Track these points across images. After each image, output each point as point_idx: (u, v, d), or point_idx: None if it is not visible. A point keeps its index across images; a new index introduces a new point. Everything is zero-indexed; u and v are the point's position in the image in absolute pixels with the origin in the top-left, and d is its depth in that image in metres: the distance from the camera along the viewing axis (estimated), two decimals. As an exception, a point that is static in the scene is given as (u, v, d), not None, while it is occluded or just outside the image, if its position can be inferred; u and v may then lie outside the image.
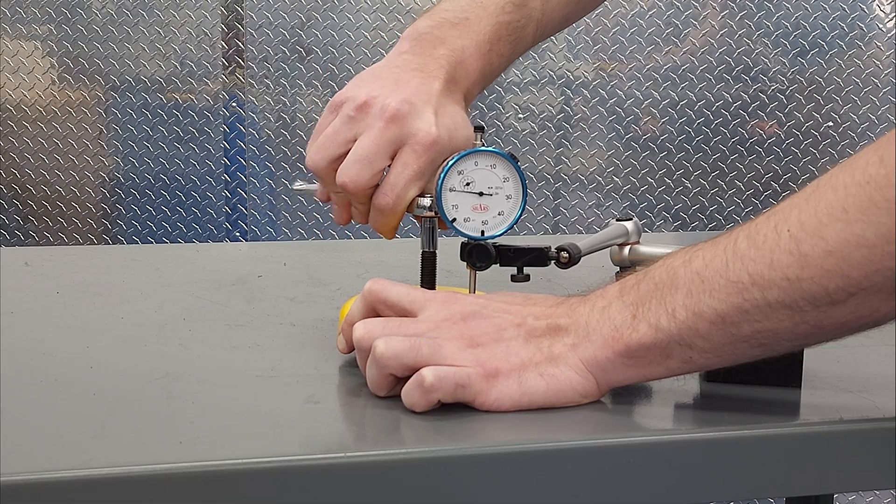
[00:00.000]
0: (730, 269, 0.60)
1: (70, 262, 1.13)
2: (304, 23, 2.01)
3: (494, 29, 0.85)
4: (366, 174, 0.76)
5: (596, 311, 0.65)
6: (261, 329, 0.84)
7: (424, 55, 0.81)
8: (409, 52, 0.82)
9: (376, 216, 0.79)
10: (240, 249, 1.48)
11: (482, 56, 0.84)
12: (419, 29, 0.83)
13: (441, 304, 0.69)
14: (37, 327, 0.84)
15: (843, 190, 0.57)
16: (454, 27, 0.83)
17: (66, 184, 2.05)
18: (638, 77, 2.04)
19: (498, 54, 0.86)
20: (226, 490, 0.56)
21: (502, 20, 0.86)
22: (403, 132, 0.76)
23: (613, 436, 0.62)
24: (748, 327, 0.60)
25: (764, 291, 0.59)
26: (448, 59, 0.82)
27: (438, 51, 0.82)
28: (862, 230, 0.56)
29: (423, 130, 0.76)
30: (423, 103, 0.77)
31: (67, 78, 2.02)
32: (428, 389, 0.63)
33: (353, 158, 0.76)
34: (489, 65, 0.85)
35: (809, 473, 0.64)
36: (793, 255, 0.58)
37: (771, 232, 0.60)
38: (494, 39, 0.85)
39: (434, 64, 0.81)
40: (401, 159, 0.76)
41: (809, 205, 0.59)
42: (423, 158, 0.76)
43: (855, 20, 2.03)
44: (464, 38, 0.83)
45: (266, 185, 2.05)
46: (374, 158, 0.76)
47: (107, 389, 0.68)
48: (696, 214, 2.09)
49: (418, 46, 0.82)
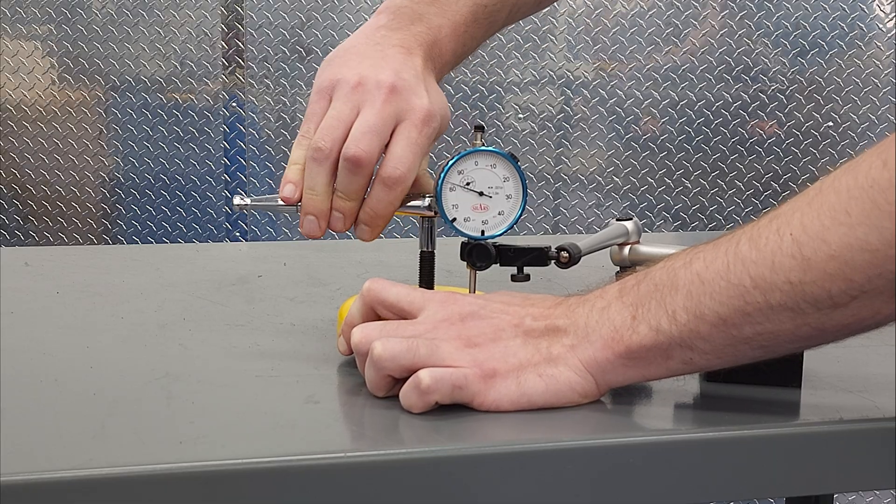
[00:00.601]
0: (731, 272, 0.60)
1: (70, 262, 1.13)
2: (304, 23, 2.01)
3: (471, 10, 0.85)
4: (376, 145, 0.75)
5: (595, 312, 0.65)
6: (261, 329, 0.84)
7: (402, 30, 0.81)
8: (386, 27, 0.81)
9: (381, 194, 0.75)
10: (240, 249, 1.48)
11: (457, 37, 0.84)
12: (397, 2, 0.83)
13: (439, 305, 0.68)
14: (37, 327, 0.84)
15: (845, 193, 0.57)
16: (432, 4, 0.83)
17: (66, 184, 2.05)
18: (638, 77, 2.04)
19: (472, 36, 0.86)
20: (226, 490, 0.56)
21: (480, 2, 0.85)
22: (402, 106, 0.76)
23: (613, 436, 0.62)
24: (749, 329, 0.60)
25: (766, 294, 0.59)
26: (425, 37, 0.81)
27: (416, 27, 0.81)
28: (865, 234, 0.56)
29: (420, 105, 0.76)
30: (414, 78, 0.77)
31: (67, 78, 2.02)
32: (425, 391, 0.63)
33: (361, 130, 0.75)
34: (462, 46, 0.85)
35: (809, 473, 0.64)
36: (795, 259, 0.58)
37: (773, 235, 0.59)
38: (470, 20, 0.85)
39: (413, 41, 0.80)
40: (403, 133, 0.76)
41: (812, 208, 0.58)
42: (424, 132, 0.76)
43: (855, 20, 2.03)
44: (441, 17, 0.83)
45: (266, 185, 2.05)
46: (382, 129, 0.75)
47: (107, 389, 0.68)
48: (696, 214, 2.09)
49: (396, 20, 0.81)
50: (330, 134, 0.75)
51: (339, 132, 0.75)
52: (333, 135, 0.75)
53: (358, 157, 0.74)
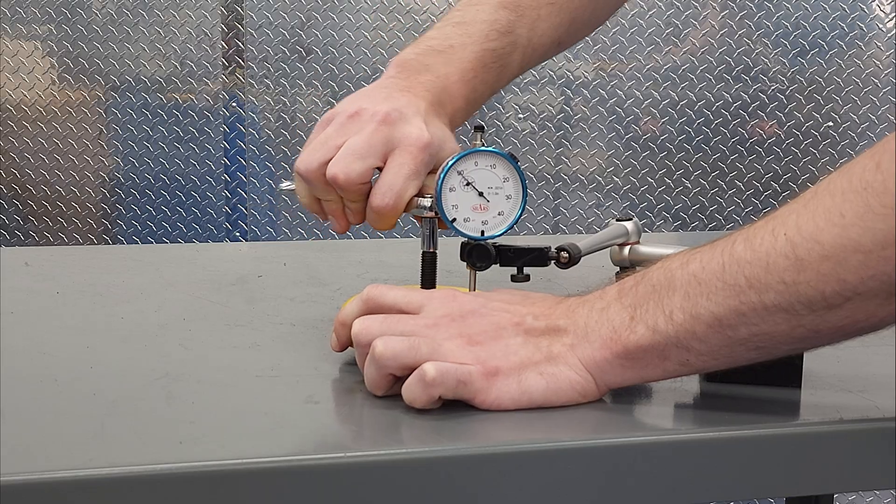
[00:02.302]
0: (727, 272, 0.61)
1: (70, 262, 1.13)
2: (304, 23, 2.01)
3: (479, 56, 0.86)
4: (356, 167, 0.77)
5: (595, 313, 0.66)
6: (261, 329, 0.84)
7: (410, 79, 0.83)
8: (395, 77, 0.84)
9: (375, 218, 0.79)
10: (240, 249, 1.48)
11: (466, 83, 0.86)
12: (405, 56, 0.86)
13: (440, 302, 0.69)
14: (37, 327, 0.84)
15: (840, 196, 0.58)
16: (439, 54, 0.85)
17: (66, 184, 2.05)
18: (638, 77, 2.04)
19: (483, 81, 0.87)
20: (226, 490, 0.56)
21: (487, 47, 0.87)
22: (395, 135, 0.78)
23: (613, 436, 0.62)
24: (745, 330, 0.61)
25: (760, 294, 0.59)
26: (433, 84, 0.83)
27: (423, 76, 0.84)
28: (858, 235, 0.56)
29: (415, 134, 0.78)
30: (413, 113, 0.79)
31: (67, 78, 2.02)
32: (430, 384, 0.63)
33: (343, 153, 0.77)
34: (474, 92, 0.87)
35: (809, 473, 0.64)
36: (789, 259, 0.58)
37: (768, 236, 0.60)
38: (479, 67, 0.86)
39: (420, 87, 0.83)
40: (395, 160, 0.77)
41: (807, 209, 0.59)
42: (418, 158, 0.77)
43: (855, 20, 2.03)
44: (448, 66, 0.85)
45: (266, 185, 2.05)
46: (365, 154, 0.77)
47: (107, 389, 0.68)
48: (696, 214, 2.09)
49: (404, 72, 0.84)
50: (310, 155, 0.79)
51: (321, 154, 0.78)
52: (314, 156, 0.79)
53: (335, 176, 0.77)
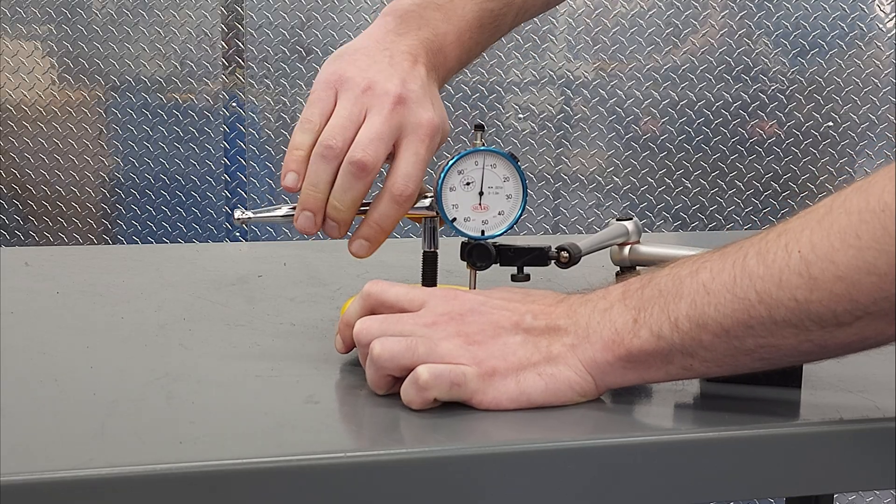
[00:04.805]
0: (737, 285, 0.60)
1: (70, 262, 1.13)
2: (304, 23, 2.01)
3: (477, 16, 0.85)
4: (382, 153, 0.75)
5: (597, 313, 0.65)
6: (261, 329, 0.84)
7: (409, 35, 0.81)
8: (394, 32, 0.81)
9: (389, 209, 0.76)
10: (240, 249, 1.48)
11: (461, 44, 0.84)
12: (404, 5, 0.83)
13: (440, 300, 0.69)
14: (37, 327, 0.84)
15: (856, 215, 0.57)
16: (438, 9, 0.83)
17: (66, 184, 2.05)
18: (638, 77, 2.04)
19: (477, 42, 0.86)
20: (226, 490, 0.56)
21: (485, 7, 0.85)
22: (409, 119, 0.76)
23: (613, 436, 0.62)
24: (752, 342, 0.61)
25: (771, 310, 0.59)
26: (430, 45, 0.81)
27: (422, 33, 0.81)
28: (874, 258, 0.56)
29: (427, 119, 0.76)
30: (420, 89, 0.77)
31: (67, 78, 2.02)
32: (423, 387, 0.63)
33: (369, 136, 0.75)
34: (466, 52, 0.86)
35: (809, 473, 0.64)
36: (802, 277, 0.58)
37: (781, 251, 0.59)
38: (476, 27, 0.85)
39: (419, 48, 0.81)
40: (411, 148, 0.76)
41: (822, 227, 0.58)
42: (430, 146, 0.76)
43: (855, 20, 2.02)
44: (447, 23, 0.83)
45: (266, 185, 2.05)
46: (388, 138, 0.75)
47: (107, 389, 0.68)
48: (696, 214, 2.09)
49: (403, 25, 0.82)
50: (341, 133, 0.75)
51: (350, 133, 0.75)
52: (345, 135, 0.75)
53: (364, 161, 0.74)
